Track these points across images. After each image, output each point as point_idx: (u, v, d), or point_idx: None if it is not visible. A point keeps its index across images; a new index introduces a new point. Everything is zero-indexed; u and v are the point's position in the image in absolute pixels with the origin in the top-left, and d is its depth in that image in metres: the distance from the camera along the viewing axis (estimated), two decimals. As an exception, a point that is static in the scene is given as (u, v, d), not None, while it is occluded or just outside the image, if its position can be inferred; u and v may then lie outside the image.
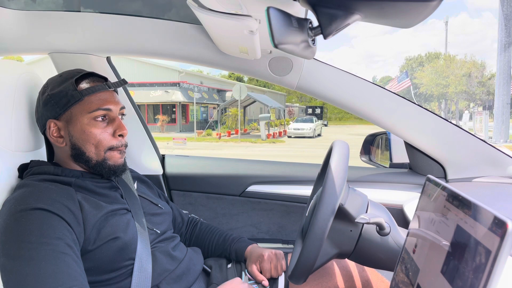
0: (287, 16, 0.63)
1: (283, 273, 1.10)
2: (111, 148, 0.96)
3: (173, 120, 25.68)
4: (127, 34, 1.28)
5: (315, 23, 0.67)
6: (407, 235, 0.72)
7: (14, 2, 1.17)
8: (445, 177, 1.39)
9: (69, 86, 0.93)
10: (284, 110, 32.71)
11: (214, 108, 28.61)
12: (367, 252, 0.90)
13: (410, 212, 1.26)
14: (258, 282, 1.06)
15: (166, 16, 1.27)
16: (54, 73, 1.12)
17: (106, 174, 0.99)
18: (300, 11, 0.86)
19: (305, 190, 1.53)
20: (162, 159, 1.67)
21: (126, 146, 1.01)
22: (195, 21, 1.24)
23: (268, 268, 1.08)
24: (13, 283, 0.73)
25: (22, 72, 1.03)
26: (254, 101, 25.21)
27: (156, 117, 25.26)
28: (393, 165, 1.62)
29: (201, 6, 0.89)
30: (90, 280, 0.84)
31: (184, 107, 26.21)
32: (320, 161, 1.12)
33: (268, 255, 1.10)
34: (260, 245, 1.20)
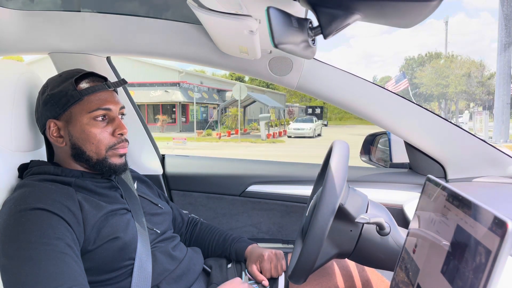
0: (287, 16, 0.63)
1: (283, 273, 1.10)
2: (112, 147, 0.96)
3: (173, 120, 25.68)
4: (127, 34, 1.28)
5: (315, 23, 0.67)
6: (407, 235, 0.72)
7: (12, 2, 1.17)
8: (445, 177, 1.39)
9: (69, 86, 0.93)
10: (284, 110, 32.72)
11: (214, 108, 28.61)
12: (367, 252, 0.90)
13: (410, 212, 1.26)
14: (258, 282, 1.06)
15: (165, 16, 1.27)
16: (54, 73, 1.12)
17: (106, 173, 0.99)
18: (300, 11, 0.86)
19: (305, 190, 1.53)
20: (162, 159, 1.67)
21: (127, 142, 1.01)
22: (195, 21, 1.24)
23: (268, 268, 1.08)
24: (13, 283, 0.73)
25: (22, 72, 1.03)
26: (254, 101, 25.21)
27: (156, 117, 25.26)
28: (393, 165, 1.62)
29: (201, 6, 0.89)
30: (90, 280, 0.84)
31: (184, 107, 26.21)
32: (320, 161, 1.12)
33: (268, 255, 1.10)
34: (260, 245, 1.20)
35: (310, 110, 38.45)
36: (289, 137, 22.15)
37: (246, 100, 23.86)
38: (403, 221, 1.32)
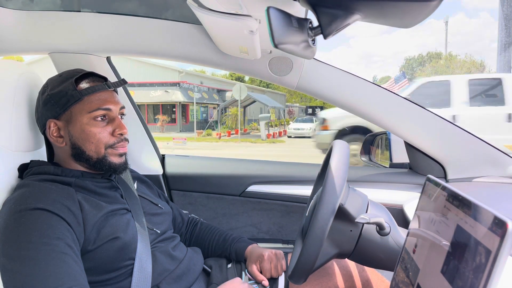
0: (287, 16, 0.63)
1: (283, 273, 1.10)
2: (111, 146, 0.96)
3: (173, 120, 25.70)
4: (127, 34, 1.28)
5: (315, 23, 0.67)
6: (407, 235, 0.72)
7: (12, 2, 1.17)
8: (445, 177, 1.39)
9: (69, 86, 0.93)
10: (284, 110, 32.72)
11: (214, 108, 28.62)
12: (367, 252, 0.90)
13: (410, 212, 1.26)
14: (258, 282, 1.06)
15: (165, 16, 1.27)
16: (54, 73, 1.12)
17: (107, 172, 0.99)
18: (300, 11, 0.86)
19: (305, 190, 1.53)
20: (162, 159, 1.67)
21: (127, 141, 1.01)
22: (195, 21, 1.24)
23: (268, 268, 1.08)
24: (13, 283, 0.73)
25: (22, 72, 1.03)
26: (254, 101, 25.22)
27: (156, 117, 25.28)
28: (393, 165, 1.62)
29: (201, 6, 0.89)
30: (90, 280, 0.84)
31: (184, 107, 26.22)
32: (320, 161, 1.12)
33: (268, 255, 1.10)
34: (260, 245, 1.20)
35: (310, 110, 38.40)
36: (289, 137, 22.15)
37: (246, 100, 23.87)
38: (403, 221, 1.32)
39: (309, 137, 21.61)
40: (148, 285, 0.90)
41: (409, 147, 1.45)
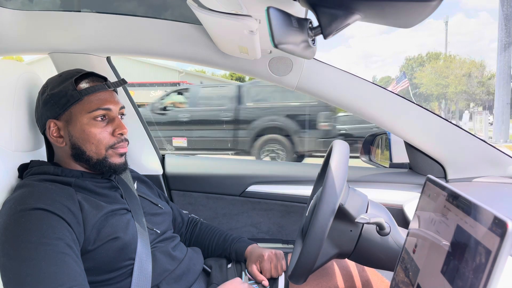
0: (287, 16, 0.63)
1: (283, 273, 1.10)
2: (111, 146, 0.96)
3: (173, 120, 25.66)
4: (127, 34, 1.28)
5: (315, 23, 0.67)
6: (407, 235, 0.72)
7: (12, 2, 1.17)
8: (445, 177, 1.39)
9: (69, 86, 0.93)
10: (284, 110, 32.67)
11: (214, 108, 28.59)
12: (367, 252, 0.90)
13: (410, 212, 1.26)
14: (258, 282, 1.06)
15: (165, 16, 1.27)
16: (54, 73, 1.12)
17: (107, 173, 0.99)
18: (300, 11, 0.86)
19: (305, 190, 1.53)
20: (162, 159, 1.67)
21: (127, 141, 1.01)
22: (195, 21, 1.24)
23: (268, 268, 1.08)
24: (13, 283, 0.73)
25: (22, 72, 1.03)
26: (254, 101, 25.20)
27: (156, 117, 25.26)
28: (393, 165, 1.62)
29: (201, 6, 0.89)
30: (90, 280, 0.84)
31: (184, 107, 26.21)
32: (320, 161, 1.12)
33: (268, 255, 1.10)
34: (260, 245, 1.20)
35: (310, 110, 38.31)
36: (289, 137, 22.14)
37: (246, 100, 23.84)
38: (403, 221, 1.32)
39: (309, 137, 21.61)
40: (148, 285, 0.90)
41: (409, 147, 1.45)
